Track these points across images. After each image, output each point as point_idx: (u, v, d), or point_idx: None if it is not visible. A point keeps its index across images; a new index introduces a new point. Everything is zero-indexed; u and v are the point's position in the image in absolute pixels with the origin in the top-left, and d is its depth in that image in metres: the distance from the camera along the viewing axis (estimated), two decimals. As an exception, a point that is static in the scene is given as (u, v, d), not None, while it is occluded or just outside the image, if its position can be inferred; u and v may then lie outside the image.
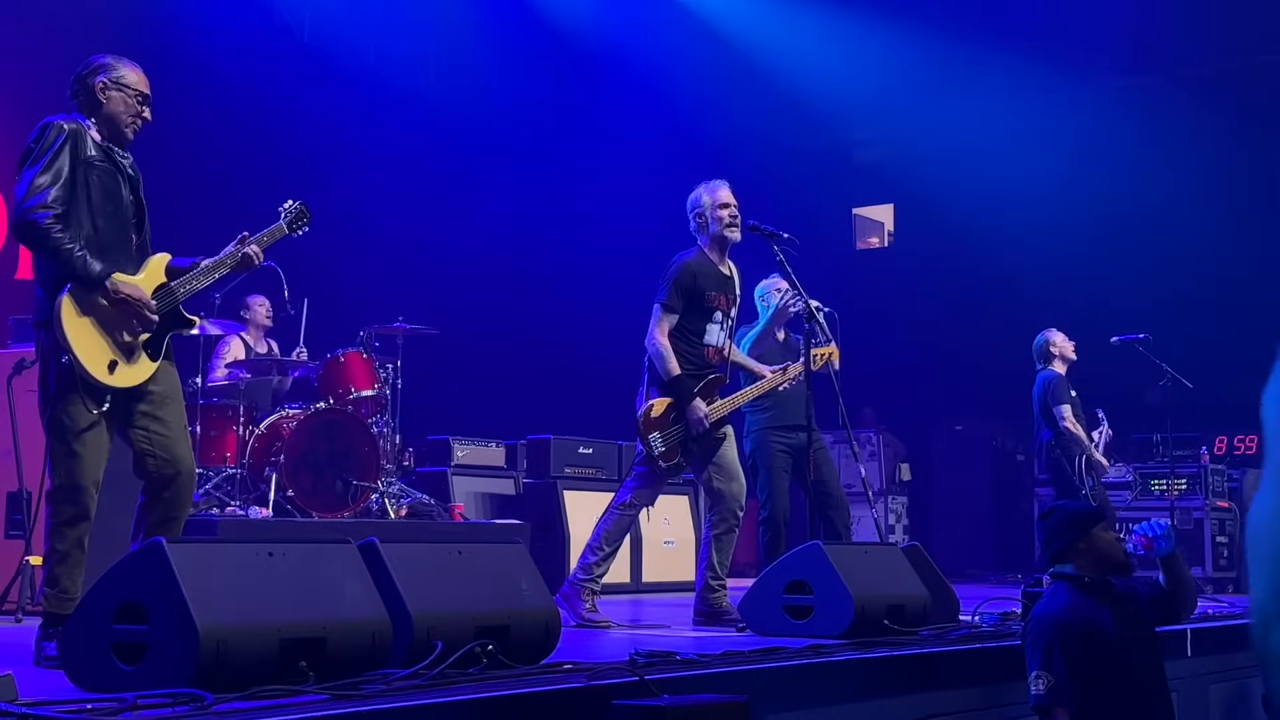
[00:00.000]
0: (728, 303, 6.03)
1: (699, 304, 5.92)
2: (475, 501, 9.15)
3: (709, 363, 5.99)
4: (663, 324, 5.89)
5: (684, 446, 5.90)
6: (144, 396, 4.33)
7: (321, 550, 3.62)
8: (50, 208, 4.16)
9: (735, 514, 5.93)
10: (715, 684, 3.69)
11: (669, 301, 5.89)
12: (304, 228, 4.82)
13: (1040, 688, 4.18)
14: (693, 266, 5.94)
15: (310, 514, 7.68)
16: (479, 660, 3.60)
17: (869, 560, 5.38)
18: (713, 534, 5.94)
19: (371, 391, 8.28)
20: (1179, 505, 10.04)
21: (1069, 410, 8.81)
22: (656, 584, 8.93)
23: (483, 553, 4.09)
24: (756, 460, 7.13)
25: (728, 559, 5.94)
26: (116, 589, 3.29)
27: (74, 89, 4.41)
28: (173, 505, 4.34)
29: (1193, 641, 5.70)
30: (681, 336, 5.93)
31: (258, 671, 3.19)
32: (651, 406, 5.88)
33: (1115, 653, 4.25)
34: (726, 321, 6.05)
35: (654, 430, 5.87)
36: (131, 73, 4.43)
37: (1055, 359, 9.00)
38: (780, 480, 7.10)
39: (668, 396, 5.88)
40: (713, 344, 6.00)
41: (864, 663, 4.41)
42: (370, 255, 10.95)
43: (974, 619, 5.73)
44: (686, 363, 5.90)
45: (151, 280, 4.38)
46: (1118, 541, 4.50)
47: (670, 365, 5.84)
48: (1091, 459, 8.84)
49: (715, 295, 5.96)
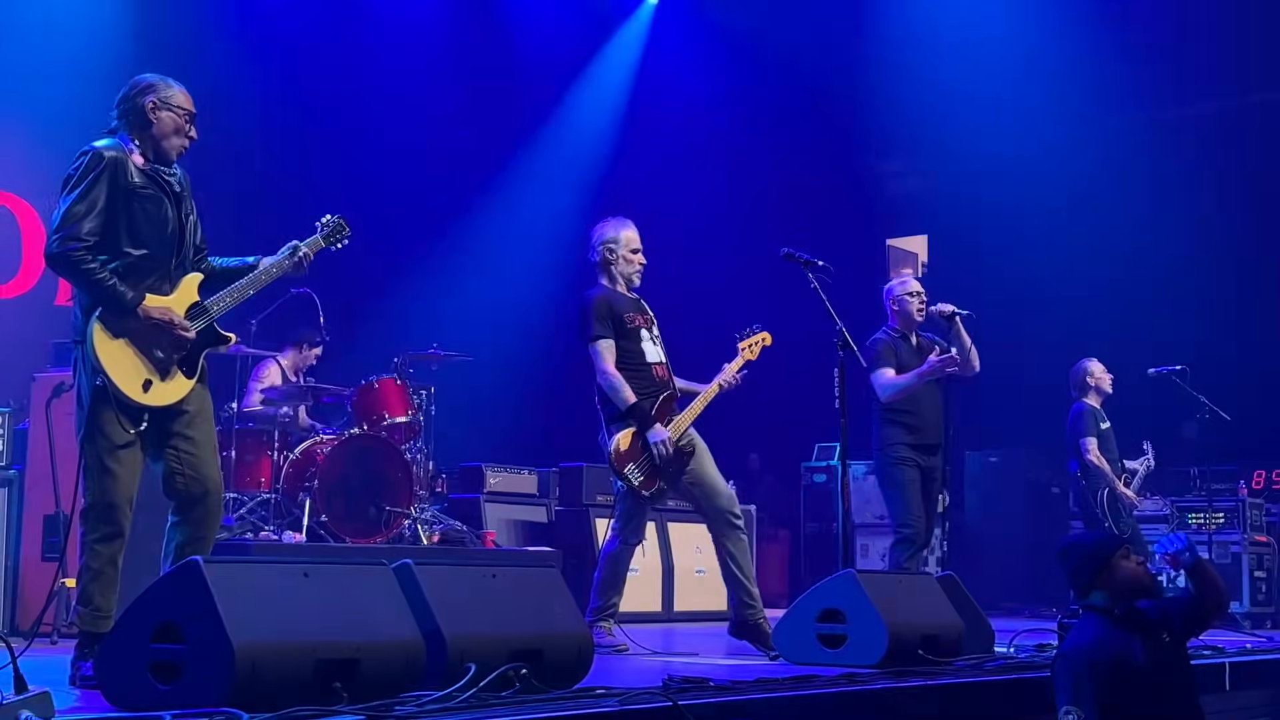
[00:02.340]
0: (648, 321, 6.11)
1: (622, 327, 5.97)
2: (507, 529, 9.14)
3: (659, 380, 6.02)
4: (605, 356, 5.91)
5: (658, 471, 5.91)
6: (177, 416, 4.36)
7: (356, 571, 3.63)
8: (83, 239, 4.20)
9: (734, 524, 5.89)
10: (748, 711, 3.68)
11: (598, 331, 5.92)
12: (343, 241, 4.81)
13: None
14: (604, 295, 6.02)
15: (343, 539, 7.69)
16: (512, 683, 3.60)
17: (903, 589, 5.35)
18: (724, 551, 5.89)
19: (405, 418, 8.31)
20: (1216, 539, 9.93)
21: (1094, 444, 8.76)
22: (688, 613, 8.90)
23: (516, 576, 4.09)
24: (885, 479, 7.08)
25: (750, 566, 5.92)
26: (153, 608, 3.31)
27: (121, 109, 4.44)
28: (201, 524, 4.35)
29: (1231, 676, 5.63)
30: (625, 363, 5.96)
31: (292, 691, 3.20)
32: (619, 441, 5.89)
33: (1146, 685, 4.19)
34: (655, 338, 6.09)
35: (628, 463, 5.89)
36: (179, 93, 4.47)
37: (1091, 390, 8.94)
38: (912, 493, 6.98)
39: (629, 426, 5.89)
40: (655, 360, 6.04)
41: (898, 692, 4.38)
42: (405, 282, 11.00)
43: (1009, 650, 5.68)
44: (641, 385, 5.93)
45: (184, 300, 4.41)
46: (1140, 565, 4.42)
47: (626, 395, 5.87)
48: (1116, 492, 8.76)
49: (633, 315, 6.03)
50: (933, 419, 7.09)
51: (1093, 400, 8.92)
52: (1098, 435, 8.79)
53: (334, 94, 11.02)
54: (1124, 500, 8.80)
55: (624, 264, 6.07)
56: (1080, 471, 8.84)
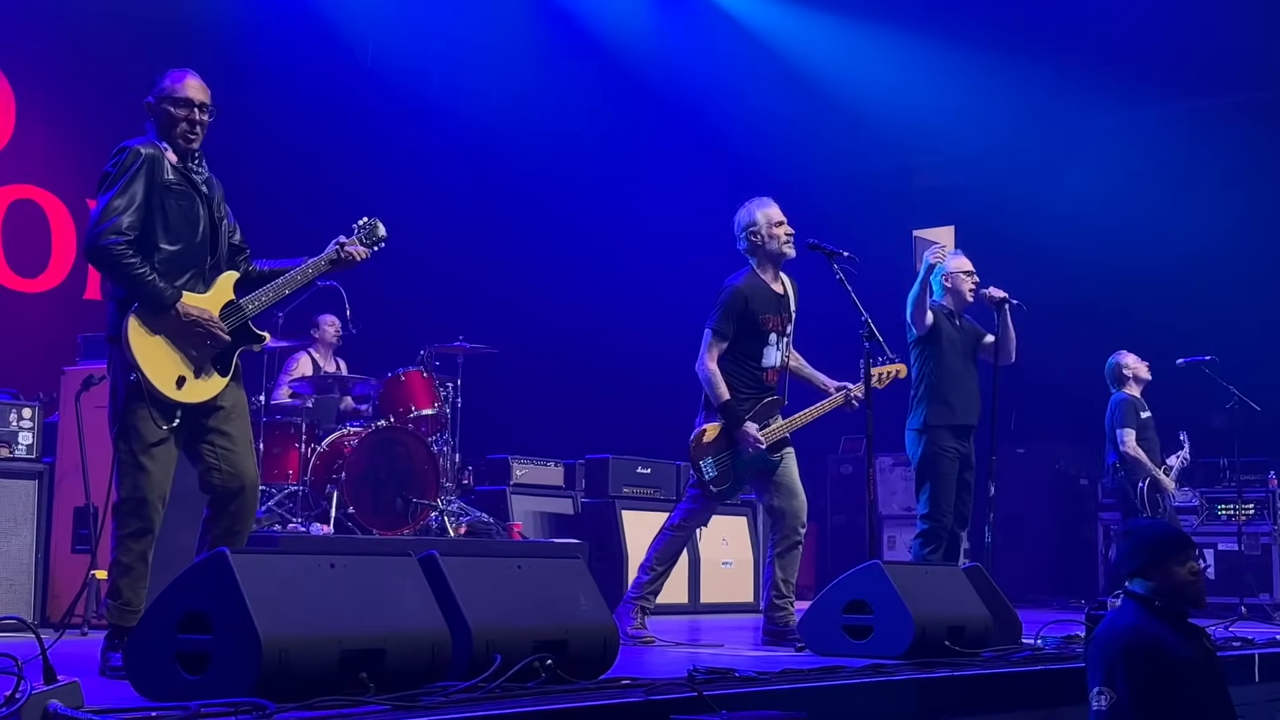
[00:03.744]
0: (782, 322, 6.01)
1: (753, 328, 5.90)
2: (534, 521, 9.16)
3: (768, 385, 5.98)
4: (712, 350, 5.88)
5: (736, 471, 5.90)
6: (212, 412, 4.39)
7: (382, 563, 3.64)
8: (124, 234, 4.23)
9: (797, 531, 5.90)
10: (774, 701, 3.68)
11: (719, 327, 5.88)
12: (379, 244, 4.82)
13: (1102, 704, 4.07)
14: (744, 291, 5.92)
15: (371, 531, 7.73)
16: (537, 674, 3.61)
17: (930, 580, 5.34)
18: (775, 552, 5.91)
19: (432, 410, 8.33)
20: (1246, 530, 9.87)
21: (1131, 436, 8.70)
22: (715, 604, 8.89)
23: (542, 568, 4.10)
24: (925, 464, 7.03)
25: (793, 576, 5.90)
26: (181, 599, 3.33)
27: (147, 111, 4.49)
28: (237, 519, 4.39)
29: (1261, 667, 5.60)
30: (738, 361, 5.91)
31: (319, 682, 3.22)
32: (703, 432, 5.89)
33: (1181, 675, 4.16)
34: (782, 340, 6.02)
35: (705, 455, 5.88)
36: (178, 84, 4.45)
37: (1129, 381, 8.89)
38: (947, 485, 6.97)
39: (719, 422, 5.87)
40: (772, 365, 5.98)
41: (924, 683, 4.37)
42: (431, 275, 11.02)
43: (1037, 641, 5.66)
44: (745, 387, 5.89)
45: (219, 298, 4.44)
46: (1195, 576, 4.38)
47: (720, 391, 5.83)
48: (1157, 481, 8.70)
49: (769, 317, 5.94)
50: (973, 401, 7.11)
51: (1132, 390, 8.86)
52: (1136, 426, 8.73)
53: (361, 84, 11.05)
54: (1164, 490, 8.73)
55: (771, 242, 5.96)
56: (1119, 462, 8.79)
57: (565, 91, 12.49)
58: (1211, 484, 10.47)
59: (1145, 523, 4.56)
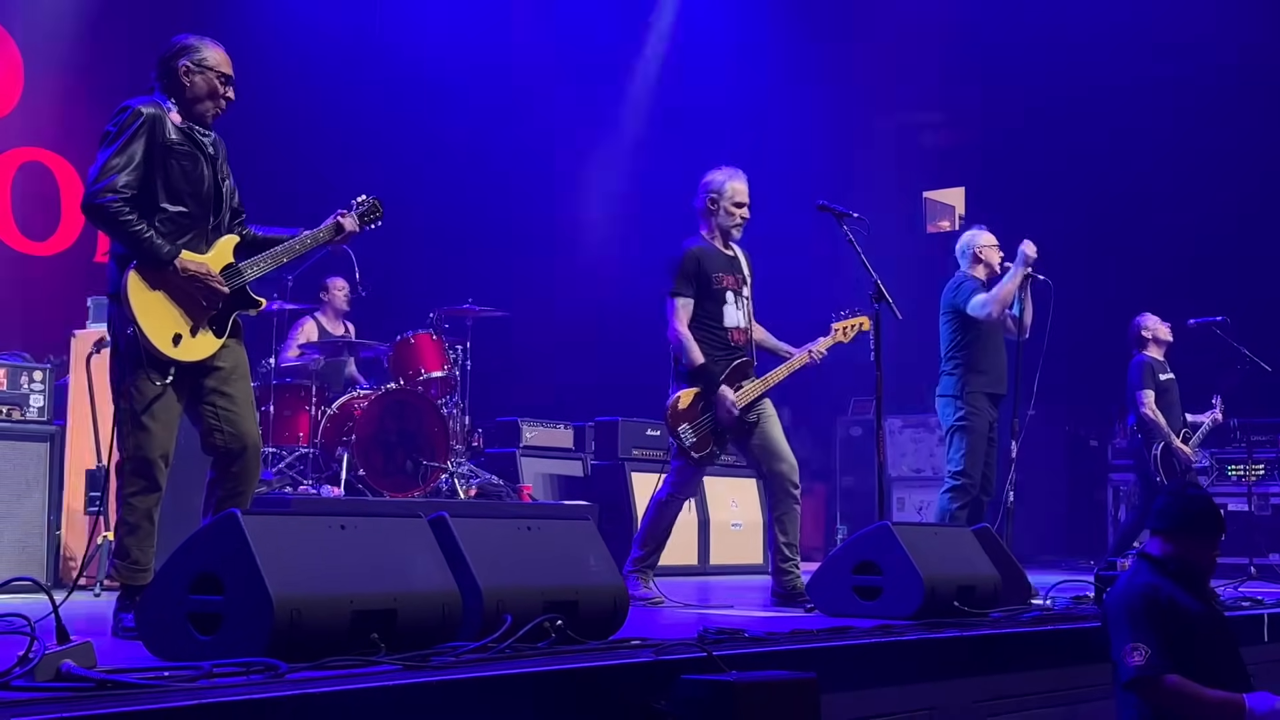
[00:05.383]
0: (737, 283, 6.02)
1: (707, 287, 5.91)
2: (543, 483, 9.18)
3: (735, 345, 5.97)
4: (680, 313, 5.88)
5: (715, 435, 5.89)
6: (211, 372, 4.38)
7: (392, 524, 3.65)
8: (119, 191, 4.21)
9: (790, 492, 5.88)
10: (783, 662, 3.69)
11: (679, 289, 5.89)
12: (377, 222, 4.84)
13: (1138, 659, 4.02)
14: (695, 252, 5.95)
15: (381, 493, 7.75)
16: (547, 634, 3.62)
17: (939, 541, 5.34)
18: (774, 515, 5.92)
19: (441, 373, 8.35)
20: (1256, 491, 9.87)
21: (1150, 397, 8.67)
22: (724, 566, 8.92)
23: (552, 529, 4.11)
24: (959, 425, 7.15)
25: (795, 536, 5.90)
26: (192, 560, 3.34)
27: (157, 70, 4.44)
28: (240, 480, 4.39)
29: (1270, 627, 5.61)
30: (700, 324, 5.91)
31: (330, 642, 3.23)
32: (678, 398, 5.88)
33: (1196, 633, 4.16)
34: (741, 301, 6.02)
35: (682, 422, 5.87)
36: (214, 53, 4.45)
37: (1150, 343, 8.86)
38: (980, 445, 7.12)
39: (694, 386, 5.87)
40: (735, 325, 5.98)
41: (933, 643, 4.38)
42: (440, 237, 11.01)
43: (1046, 601, 5.67)
44: (713, 349, 5.89)
45: (219, 260, 4.42)
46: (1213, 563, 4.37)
47: (693, 355, 5.83)
48: (1172, 446, 8.65)
49: (722, 276, 5.96)
50: (1004, 372, 7.27)
51: (1153, 352, 8.83)
52: (1154, 388, 8.70)
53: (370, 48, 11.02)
54: (1180, 456, 8.67)
55: (724, 215, 6.00)
56: (1137, 425, 8.76)
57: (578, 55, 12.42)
58: (1222, 445, 10.45)
59: (1195, 492, 4.51)
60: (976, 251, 7.39)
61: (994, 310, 7.14)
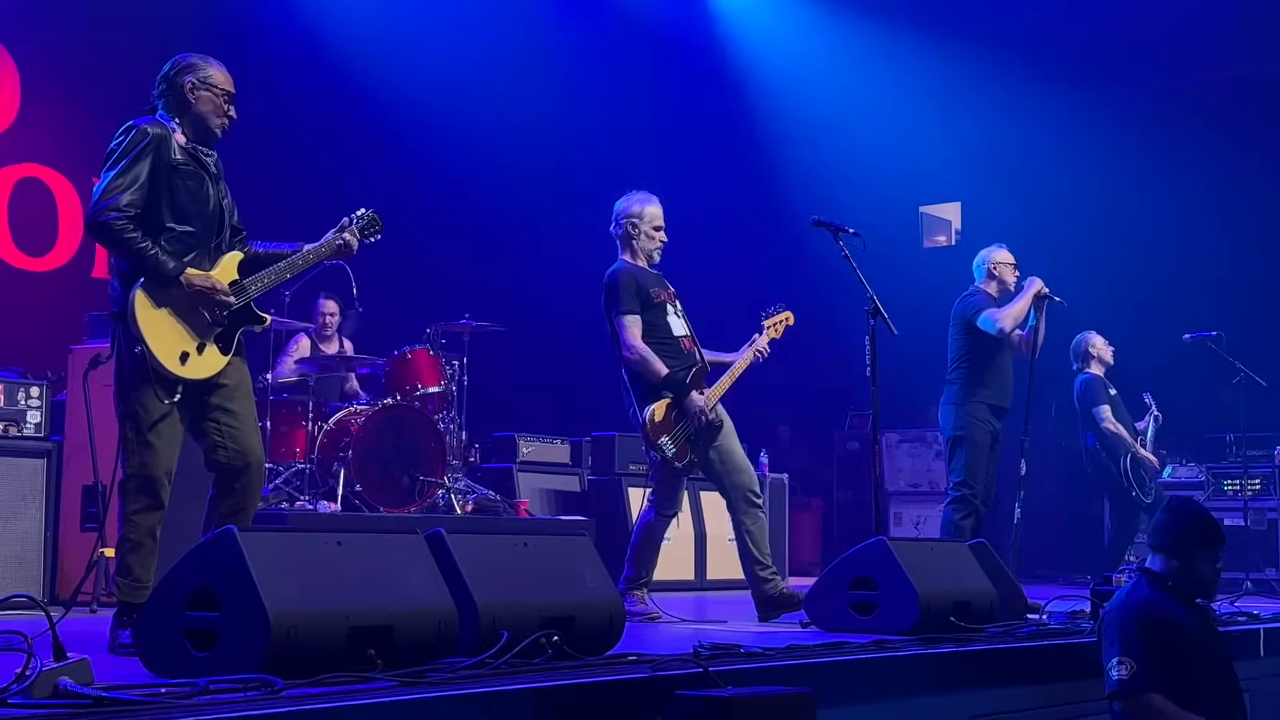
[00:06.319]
0: (671, 296, 6.08)
1: (649, 302, 5.95)
2: (540, 498, 9.18)
3: (687, 353, 6.00)
4: (632, 330, 5.88)
5: (690, 443, 5.90)
6: (215, 389, 4.40)
7: (389, 540, 3.66)
8: (123, 210, 4.22)
9: (754, 502, 5.88)
10: (779, 677, 3.68)
11: (626, 307, 5.89)
12: (374, 236, 4.84)
13: (1123, 672, 4.07)
14: (629, 271, 5.99)
15: (378, 509, 7.75)
16: (544, 650, 3.62)
17: (935, 557, 5.35)
18: (743, 528, 5.88)
19: (438, 388, 8.35)
20: (1252, 506, 9.88)
21: (1108, 411, 8.76)
22: (720, 581, 8.90)
23: (548, 545, 4.11)
24: (959, 435, 7.19)
25: (765, 544, 5.88)
26: (189, 577, 3.35)
27: (160, 88, 4.46)
28: (243, 496, 4.40)
29: (1265, 642, 5.61)
30: (653, 338, 5.93)
31: (327, 658, 3.23)
32: (653, 412, 5.87)
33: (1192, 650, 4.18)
34: (680, 311, 6.07)
35: (662, 434, 5.86)
36: (218, 72, 4.47)
37: (1093, 360, 8.96)
38: (980, 456, 7.16)
39: (664, 397, 5.87)
40: (683, 334, 6.02)
41: (930, 658, 4.39)
42: (437, 253, 11.01)
43: (1042, 616, 5.67)
44: (671, 359, 5.92)
45: (224, 277, 4.43)
46: (1217, 574, 4.39)
47: (657, 366, 5.85)
48: (1138, 457, 8.74)
49: (658, 291, 6.01)
50: (1009, 387, 7.31)
51: (1096, 369, 8.92)
52: (1109, 402, 8.78)
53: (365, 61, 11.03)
54: (1146, 465, 8.78)
55: (645, 240, 6.05)
56: (1099, 443, 8.82)
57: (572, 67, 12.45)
58: (1217, 459, 10.47)
59: (1193, 505, 4.54)
60: (991, 267, 7.45)
61: (1005, 325, 7.16)
